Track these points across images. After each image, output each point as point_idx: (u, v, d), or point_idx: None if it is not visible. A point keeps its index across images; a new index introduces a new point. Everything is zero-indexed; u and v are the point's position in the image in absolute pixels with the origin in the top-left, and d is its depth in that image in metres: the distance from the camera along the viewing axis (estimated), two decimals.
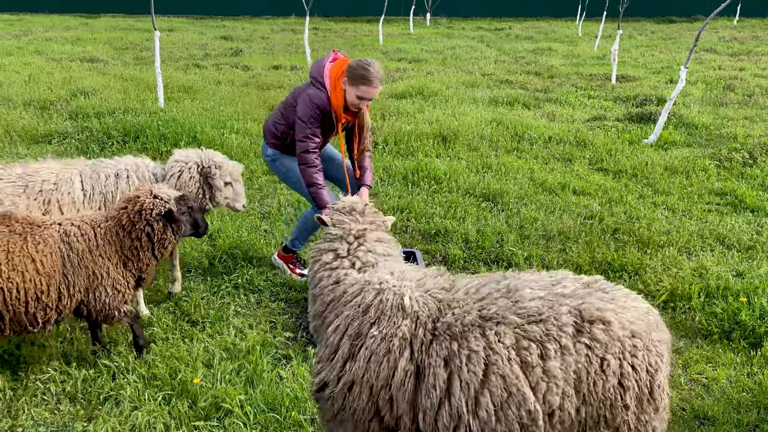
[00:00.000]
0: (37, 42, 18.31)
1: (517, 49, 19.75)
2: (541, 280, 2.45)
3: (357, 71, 4.22)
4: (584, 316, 2.26)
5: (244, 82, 12.72)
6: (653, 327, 2.35)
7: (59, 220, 3.54)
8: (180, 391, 3.49)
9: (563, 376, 2.22)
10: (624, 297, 2.39)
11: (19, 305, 3.25)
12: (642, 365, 2.25)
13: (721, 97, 12.13)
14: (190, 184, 4.34)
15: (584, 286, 2.40)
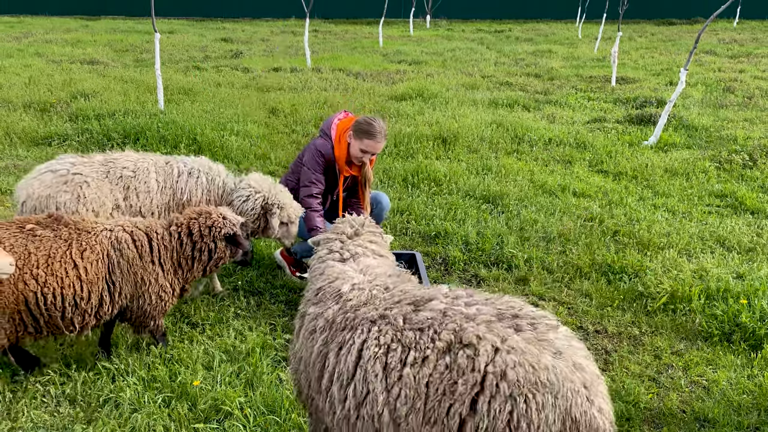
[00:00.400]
0: (38, 44, 18.33)
1: (517, 51, 19.77)
2: (486, 302, 2.28)
3: (362, 126, 4.48)
4: (462, 338, 2.09)
5: (244, 84, 12.72)
6: (538, 380, 1.97)
7: (110, 226, 3.52)
8: (180, 394, 3.49)
9: (415, 387, 2.09)
10: (541, 341, 2.06)
11: (55, 310, 3.24)
12: (498, 408, 1.97)
13: (721, 99, 12.14)
14: (250, 213, 4.43)
15: (506, 317, 2.17)
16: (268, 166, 7.47)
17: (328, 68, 15.10)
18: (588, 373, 2.06)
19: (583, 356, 2.09)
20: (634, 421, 3.48)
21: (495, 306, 2.24)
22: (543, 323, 2.15)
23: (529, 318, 2.18)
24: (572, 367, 2.02)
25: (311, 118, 9.78)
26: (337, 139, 4.64)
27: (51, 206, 4.00)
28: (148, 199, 4.26)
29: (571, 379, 2.00)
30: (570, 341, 2.12)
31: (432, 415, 2.05)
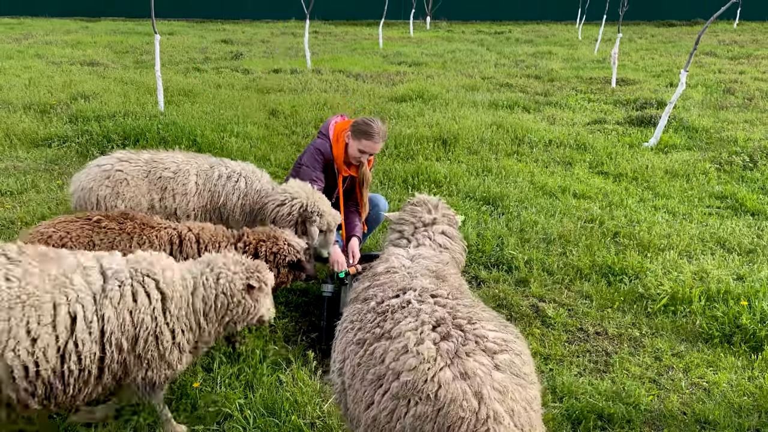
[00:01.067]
0: (38, 45, 18.34)
1: (517, 53, 19.77)
2: (452, 307, 2.39)
3: (360, 126, 4.50)
4: (391, 332, 2.32)
5: (244, 86, 12.72)
6: (423, 391, 2.05)
7: (175, 225, 3.60)
8: (180, 395, 3.48)
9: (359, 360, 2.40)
10: (456, 357, 2.10)
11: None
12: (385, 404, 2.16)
13: (721, 100, 12.14)
14: (287, 219, 4.29)
15: (448, 324, 2.25)
16: (267, 168, 7.45)
17: (328, 69, 15.10)
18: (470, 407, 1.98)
19: (492, 388, 2.01)
20: (634, 422, 3.47)
21: (456, 311, 2.30)
22: (482, 344, 2.12)
23: (473, 334, 2.16)
24: (462, 392, 1.99)
25: (311, 120, 9.77)
26: (335, 139, 4.66)
27: (92, 199, 4.17)
28: (185, 201, 4.31)
29: (453, 399, 1.98)
30: (492, 373, 2.04)
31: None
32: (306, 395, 3.55)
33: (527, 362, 2.16)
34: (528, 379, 2.09)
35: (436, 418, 1.97)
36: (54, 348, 2.49)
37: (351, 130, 4.56)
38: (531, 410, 2.03)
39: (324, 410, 3.50)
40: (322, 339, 4.29)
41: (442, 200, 3.39)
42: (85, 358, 2.57)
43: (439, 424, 1.97)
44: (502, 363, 2.07)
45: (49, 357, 2.48)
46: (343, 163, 4.71)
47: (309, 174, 4.65)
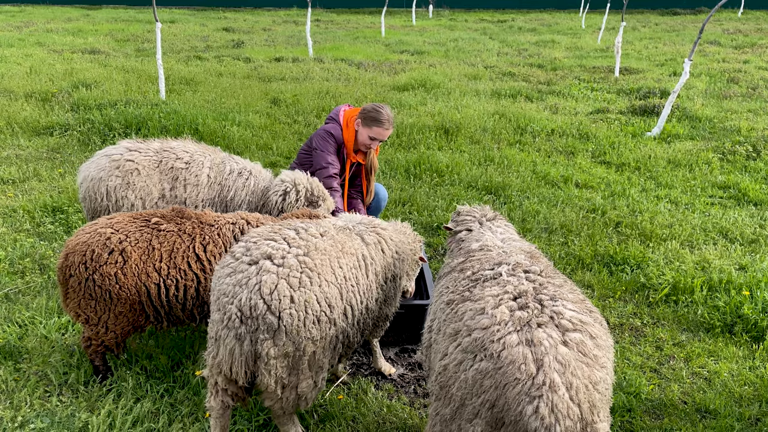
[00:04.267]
0: (39, 33, 18.28)
1: (520, 42, 19.67)
2: (534, 281, 2.51)
3: (371, 113, 4.53)
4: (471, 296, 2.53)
5: (246, 74, 12.69)
6: (488, 349, 2.18)
7: (233, 219, 3.56)
8: (182, 383, 3.50)
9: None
10: (526, 328, 2.17)
11: (176, 302, 3.31)
12: (456, 356, 2.37)
13: (725, 89, 12.08)
14: (295, 206, 4.30)
15: (530, 296, 2.36)
16: (269, 157, 7.46)
17: (330, 58, 15.04)
18: (528, 375, 2.04)
19: (554, 359, 2.05)
20: (635, 411, 3.48)
21: (542, 287, 2.38)
22: (556, 320, 2.19)
23: (550, 310, 2.24)
24: (523, 356, 2.08)
25: (313, 108, 9.75)
26: (345, 124, 4.68)
27: (101, 190, 4.12)
28: (195, 192, 4.28)
29: (512, 361, 2.08)
30: (558, 346, 2.08)
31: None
32: None
33: (602, 347, 2.18)
34: (597, 361, 2.12)
35: (495, 375, 2.09)
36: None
37: (361, 117, 4.57)
38: (594, 390, 2.06)
39: (325, 398, 3.52)
40: None
41: (488, 206, 3.50)
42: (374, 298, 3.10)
43: (497, 381, 2.08)
44: (571, 340, 2.12)
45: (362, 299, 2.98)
46: (352, 149, 4.72)
47: (324, 158, 4.62)
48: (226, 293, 2.63)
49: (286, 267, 2.64)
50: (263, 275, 2.59)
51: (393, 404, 3.53)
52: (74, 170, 6.95)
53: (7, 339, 3.83)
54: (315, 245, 2.81)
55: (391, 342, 4.16)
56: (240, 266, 2.67)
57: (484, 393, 2.11)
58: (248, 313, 2.55)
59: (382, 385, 3.73)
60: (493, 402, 2.08)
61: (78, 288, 3.22)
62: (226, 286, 2.64)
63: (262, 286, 2.56)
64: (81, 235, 3.28)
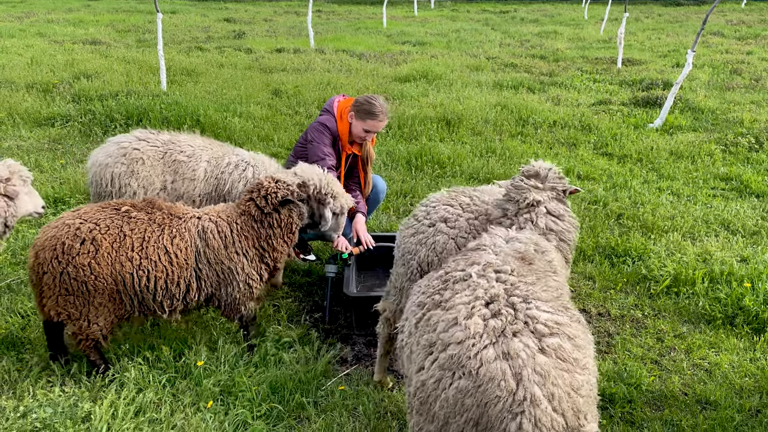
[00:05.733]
0: (39, 24, 18.22)
1: (523, 33, 19.58)
2: (513, 285, 2.38)
3: (363, 106, 4.50)
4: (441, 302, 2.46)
5: (247, 65, 12.65)
6: (465, 366, 2.11)
7: (198, 214, 3.53)
8: (184, 374, 3.51)
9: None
10: (501, 335, 2.11)
11: (147, 292, 3.29)
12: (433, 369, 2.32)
13: (728, 81, 12.03)
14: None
15: (500, 301, 2.27)
16: (271, 148, 7.45)
17: (332, 49, 14.99)
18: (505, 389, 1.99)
19: (533, 371, 1.99)
20: (636, 403, 3.49)
21: (514, 288, 2.29)
22: (531, 325, 2.10)
23: (524, 314, 2.15)
24: (502, 372, 2.01)
25: (314, 100, 9.73)
26: (339, 116, 4.63)
27: (107, 175, 4.16)
28: (192, 187, 4.25)
29: (492, 378, 2.01)
30: (536, 356, 2.02)
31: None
32: (310, 374, 3.58)
33: (581, 347, 2.12)
34: (578, 364, 2.06)
35: (476, 393, 2.03)
36: None
37: (354, 110, 4.53)
38: (577, 396, 2.01)
39: (328, 389, 3.53)
40: (325, 319, 4.32)
41: (554, 168, 3.25)
42: None
43: (478, 399, 2.02)
44: (549, 346, 2.06)
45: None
46: (347, 141, 4.69)
47: (321, 149, 4.56)
48: (409, 251, 3.16)
49: (456, 228, 3.08)
50: (438, 236, 3.08)
51: (393, 395, 3.54)
52: (75, 161, 6.95)
53: (9, 329, 3.84)
54: (485, 211, 3.17)
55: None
56: (421, 227, 3.18)
57: (467, 412, 2.06)
58: (426, 269, 3.03)
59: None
60: (477, 420, 2.04)
61: (53, 285, 3.18)
62: (410, 245, 3.17)
63: (436, 245, 3.06)
64: (49, 230, 3.22)
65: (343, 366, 3.85)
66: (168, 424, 3.12)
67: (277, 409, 3.30)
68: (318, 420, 3.27)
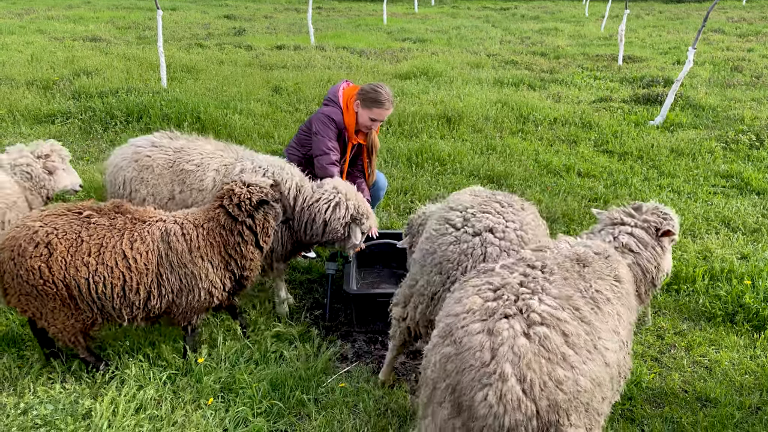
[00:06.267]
0: (40, 21, 18.20)
1: (523, 30, 19.55)
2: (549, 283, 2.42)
3: (370, 94, 4.43)
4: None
5: (247, 62, 12.63)
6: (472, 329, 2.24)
7: (165, 217, 3.41)
8: (185, 371, 3.52)
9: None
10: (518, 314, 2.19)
11: (105, 299, 3.19)
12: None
13: (729, 78, 12.01)
14: (340, 220, 4.02)
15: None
16: (271, 145, 7.45)
17: (332, 46, 14.97)
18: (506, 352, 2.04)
19: (510, 349, 2.04)
20: (636, 400, 3.49)
21: (529, 280, 2.36)
22: (525, 313, 2.16)
23: (522, 302, 2.21)
24: (480, 344, 2.10)
25: (315, 97, 9.72)
26: (345, 107, 4.56)
27: (119, 179, 4.10)
28: (201, 197, 4.03)
29: (470, 347, 2.11)
30: (518, 337, 2.06)
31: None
32: (310, 371, 3.58)
33: (577, 346, 2.11)
34: (565, 359, 2.05)
35: (456, 359, 2.16)
36: None
37: (360, 99, 4.48)
38: (556, 389, 2.00)
39: (328, 386, 3.53)
40: (325, 316, 4.32)
41: (662, 207, 3.22)
42: None
43: (457, 366, 2.14)
44: (535, 333, 2.09)
45: None
46: (353, 132, 4.64)
47: (326, 143, 4.51)
48: (449, 259, 2.96)
49: (506, 240, 2.93)
50: (488, 247, 2.91)
51: (394, 391, 3.54)
52: (76, 158, 6.94)
53: (10, 326, 3.85)
54: (524, 220, 3.08)
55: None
56: (463, 236, 2.99)
57: (448, 377, 2.16)
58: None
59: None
60: (454, 387, 2.13)
61: (12, 284, 3.14)
62: (451, 254, 2.97)
63: (486, 257, 2.88)
64: (12, 230, 3.18)
65: (343, 363, 3.86)
66: (168, 421, 3.12)
67: (278, 406, 3.30)
68: (318, 417, 3.27)
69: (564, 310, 2.20)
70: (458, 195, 3.39)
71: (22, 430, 2.94)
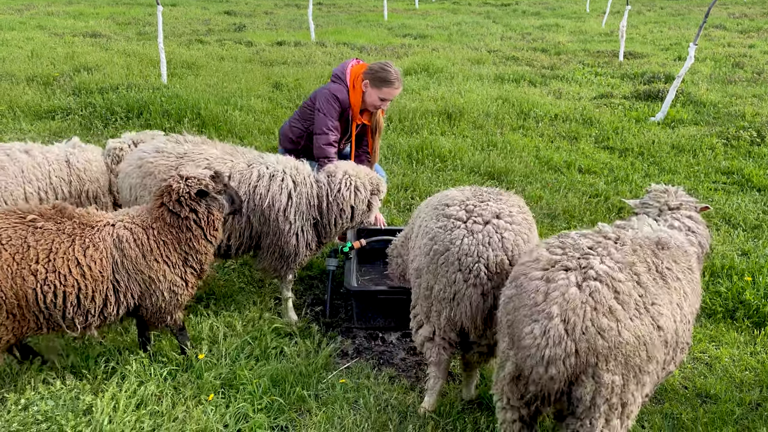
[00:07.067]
0: (40, 17, 18.17)
1: (524, 26, 19.51)
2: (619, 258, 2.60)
3: (379, 73, 4.38)
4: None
5: (248, 59, 12.62)
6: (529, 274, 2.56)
7: (112, 221, 3.26)
8: (185, 367, 3.52)
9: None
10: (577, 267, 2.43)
11: (55, 309, 3.01)
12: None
13: (730, 74, 11.99)
14: (363, 203, 4.08)
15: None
16: (272, 141, 7.44)
17: (333, 42, 14.95)
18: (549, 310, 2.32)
19: (561, 295, 2.31)
20: None
21: (601, 248, 2.54)
22: (586, 270, 2.39)
23: (586, 261, 2.44)
24: (536, 288, 2.40)
25: None
26: (351, 85, 4.50)
27: (125, 185, 4.00)
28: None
29: (526, 289, 2.43)
30: (571, 288, 2.32)
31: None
32: (311, 367, 3.58)
33: (625, 303, 2.31)
34: (611, 312, 2.27)
35: (515, 299, 2.49)
36: None
37: (368, 78, 4.43)
38: (597, 335, 2.24)
39: (328, 382, 3.54)
40: (326, 312, 4.32)
41: (681, 187, 3.31)
42: None
43: (515, 304, 2.47)
44: (587, 286, 2.33)
45: None
46: (358, 111, 4.58)
47: (326, 122, 4.46)
48: (467, 253, 2.93)
49: (516, 224, 3.01)
50: (504, 233, 2.96)
51: (394, 387, 3.55)
52: None
53: None
54: (520, 203, 3.21)
55: (393, 327, 4.18)
56: (475, 227, 2.99)
57: (508, 314, 2.50)
58: (494, 270, 2.91)
59: (384, 369, 3.75)
60: (512, 321, 2.47)
61: None
62: (468, 247, 2.94)
63: (505, 243, 2.94)
64: None
65: (343, 359, 3.86)
66: (169, 416, 3.13)
67: (278, 402, 3.31)
68: (319, 413, 3.28)
69: (622, 272, 2.40)
70: (441, 194, 3.38)
71: (23, 425, 2.95)
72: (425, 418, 3.25)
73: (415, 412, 3.31)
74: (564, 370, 2.26)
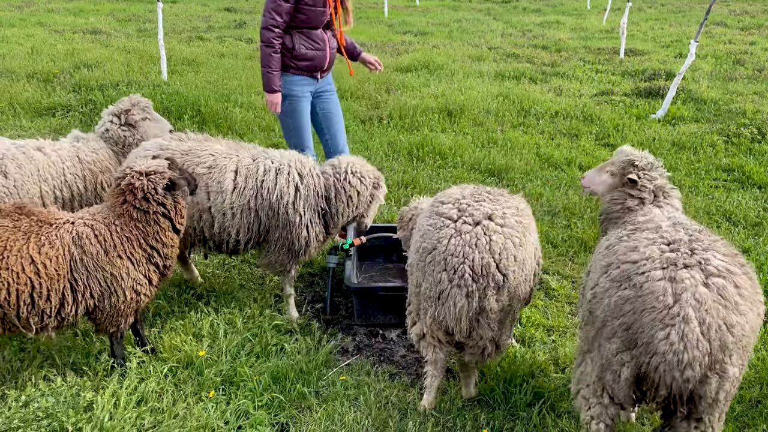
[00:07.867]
0: (40, 13, 18.15)
1: (525, 23, 19.48)
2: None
3: None
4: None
5: (248, 55, 12.60)
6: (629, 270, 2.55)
7: (72, 219, 3.21)
8: (186, 364, 3.52)
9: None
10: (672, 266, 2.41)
11: (8, 307, 2.95)
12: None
13: (731, 71, 11.97)
14: (366, 198, 4.11)
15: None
16: (272, 138, 7.44)
17: None
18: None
19: (692, 296, 2.28)
20: None
21: (697, 239, 2.55)
22: (703, 265, 2.39)
23: (700, 256, 2.43)
24: (663, 290, 2.33)
25: None
26: None
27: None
28: (220, 199, 3.83)
29: (652, 291, 2.36)
30: (699, 286, 2.30)
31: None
32: (311, 364, 3.59)
33: (745, 297, 2.34)
34: (737, 307, 2.29)
35: (635, 301, 2.39)
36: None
37: None
38: (728, 332, 2.26)
39: (329, 379, 3.54)
40: (326, 309, 4.32)
41: (648, 154, 3.32)
42: None
43: (635, 307, 2.38)
44: (714, 284, 2.32)
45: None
46: None
47: (268, 5, 4.38)
48: (455, 254, 2.87)
49: (508, 227, 2.93)
50: (492, 235, 2.88)
51: (395, 384, 3.55)
52: None
53: None
54: (519, 206, 3.13)
55: (393, 324, 4.18)
56: (464, 227, 2.92)
57: (623, 316, 2.41)
58: (479, 272, 2.84)
59: (385, 366, 3.76)
60: (630, 324, 2.38)
61: None
62: (453, 247, 2.88)
63: (492, 245, 2.86)
64: None
65: (344, 356, 3.87)
66: (170, 413, 3.13)
67: (279, 399, 3.31)
68: (319, 410, 3.28)
69: (733, 265, 2.43)
70: (443, 192, 3.34)
71: (23, 422, 2.95)
72: (425, 415, 3.26)
73: (415, 409, 3.31)
74: (699, 371, 2.27)
